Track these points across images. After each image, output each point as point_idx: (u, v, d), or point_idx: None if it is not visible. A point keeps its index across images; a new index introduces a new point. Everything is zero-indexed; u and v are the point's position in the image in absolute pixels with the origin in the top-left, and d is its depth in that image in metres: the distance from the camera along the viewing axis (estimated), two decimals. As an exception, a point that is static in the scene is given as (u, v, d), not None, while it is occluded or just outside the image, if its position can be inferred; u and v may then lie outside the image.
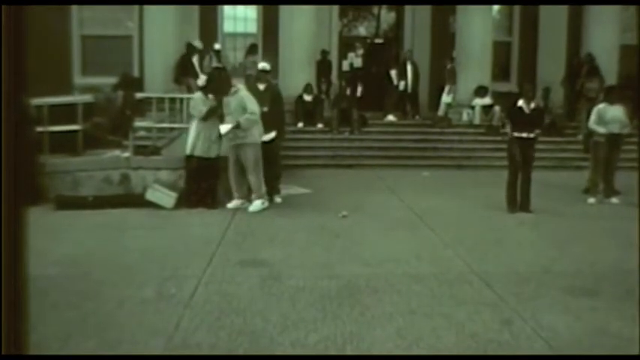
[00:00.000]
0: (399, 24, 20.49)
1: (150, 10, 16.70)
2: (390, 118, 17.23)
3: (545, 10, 19.27)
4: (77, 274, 6.26)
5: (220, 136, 9.73)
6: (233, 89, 9.82)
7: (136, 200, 9.79)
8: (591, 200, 10.39)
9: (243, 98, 9.69)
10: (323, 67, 17.71)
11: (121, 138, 11.02)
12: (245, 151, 9.72)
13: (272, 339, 4.65)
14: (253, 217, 9.19)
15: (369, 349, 4.51)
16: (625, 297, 5.75)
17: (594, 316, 5.24)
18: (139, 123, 11.75)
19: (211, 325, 4.90)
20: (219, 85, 10.00)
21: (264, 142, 10.23)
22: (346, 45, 19.62)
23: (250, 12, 19.75)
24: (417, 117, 17.67)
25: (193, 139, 9.79)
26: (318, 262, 6.86)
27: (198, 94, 10.25)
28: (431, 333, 4.80)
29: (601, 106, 10.91)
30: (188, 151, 9.78)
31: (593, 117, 10.80)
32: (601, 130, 10.64)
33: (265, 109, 10.17)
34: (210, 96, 9.92)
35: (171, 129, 12.37)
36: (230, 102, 9.73)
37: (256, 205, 9.69)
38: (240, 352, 4.44)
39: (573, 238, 8.02)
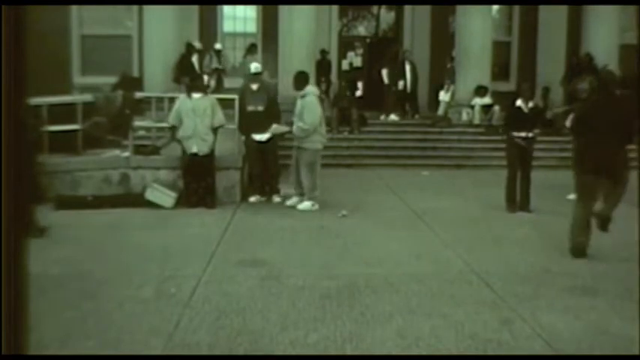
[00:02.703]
0: (398, 24, 20.51)
1: (149, 9, 16.69)
2: (392, 117, 17.23)
3: (544, 10, 19.29)
4: (77, 273, 6.26)
5: (214, 133, 9.81)
6: (301, 92, 9.96)
7: (136, 200, 9.80)
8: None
9: (304, 106, 9.84)
10: (322, 66, 17.72)
11: (120, 137, 11.02)
12: (301, 155, 9.93)
13: (272, 338, 4.65)
14: (253, 217, 9.20)
15: (369, 349, 4.51)
16: (625, 296, 5.76)
17: (594, 316, 5.24)
18: (138, 122, 11.75)
19: (211, 325, 4.90)
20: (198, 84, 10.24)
21: (261, 142, 10.28)
22: (346, 44, 19.63)
23: (250, 12, 19.77)
24: (417, 116, 17.69)
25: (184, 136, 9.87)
26: (317, 261, 6.86)
27: (182, 95, 10.29)
28: (430, 333, 4.81)
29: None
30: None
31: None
32: None
33: (260, 108, 10.23)
34: (196, 95, 9.96)
35: (170, 128, 12.38)
36: (297, 104, 9.97)
37: (306, 205, 9.82)
38: (240, 351, 4.44)
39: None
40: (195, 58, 16.38)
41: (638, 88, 14.99)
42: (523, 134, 9.73)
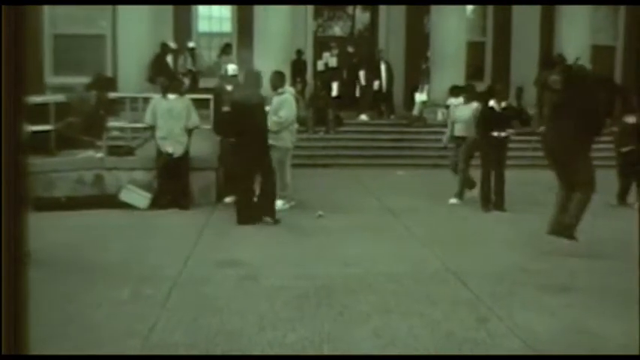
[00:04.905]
0: (373, 24, 20.55)
1: (124, 9, 16.55)
2: (362, 117, 17.28)
3: (518, 11, 19.45)
4: (53, 275, 6.18)
5: (189, 134, 9.75)
6: (280, 90, 9.91)
7: (110, 201, 9.71)
8: None
9: (281, 101, 9.77)
10: (298, 66, 17.70)
11: (94, 138, 10.91)
12: (272, 153, 9.77)
13: (249, 339, 4.64)
14: (229, 217, 9.15)
15: (346, 349, 4.51)
16: (600, 293, 5.83)
17: (570, 314, 5.30)
18: (112, 123, 11.65)
19: (188, 326, 4.87)
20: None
21: None
22: (321, 45, 19.63)
23: (225, 12, 19.68)
24: (392, 116, 17.75)
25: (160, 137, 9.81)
26: (295, 261, 6.85)
27: (157, 96, 10.23)
28: (407, 332, 4.82)
29: (455, 104, 11.17)
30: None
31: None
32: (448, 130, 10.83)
33: None
34: (171, 96, 9.91)
35: (146, 129, 12.29)
36: (274, 100, 9.87)
37: (277, 204, 9.72)
38: (218, 352, 4.42)
39: (548, 235, 8.09)
40: (170, 58, 16.28)
41: (610, 86, 15.21)
42: (496, 134, 9.81)
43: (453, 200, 10.40)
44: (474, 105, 10.57)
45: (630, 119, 10.67)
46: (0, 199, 1.10)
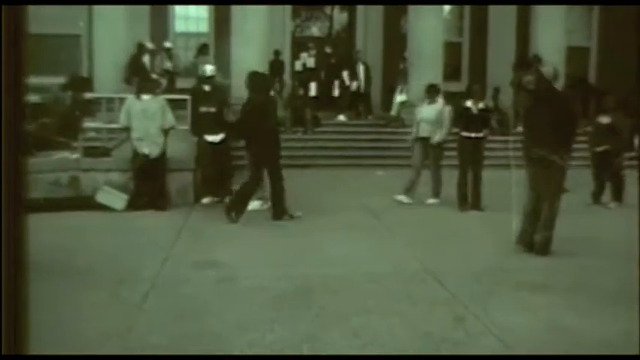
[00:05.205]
0: (351, 24, 20.59)
1: (100, 8, 16.40)
2: (340, 117, 17.30)
3: (494, 12, 19.60)
4: (29, 278, 6.10)
5: (164, 134, 9.74)
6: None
7: (86, 202, 9.62)
8: None
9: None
10: (276, 67, 17.68)
11: (69, 139, 10.80)
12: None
13: (228, 340, 4.62)
14: (206, 218, 9.12)
15: (325, 349, 4.51)
16: (576, 291, 5.89)
17: (546, 312, 5.34)
18: (88, 124, 11.54)
19: (166, 328, 4.85)
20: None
21: (214, 143, 10.24)
22: (299, 45, 19.63)
23: (202, 12, 19.60)
24: (370, 117, 17.79)
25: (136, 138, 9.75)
26: (273, 262, 6.84)
27: (131, 97, 10.16)
28: (386, 332, 4.83)
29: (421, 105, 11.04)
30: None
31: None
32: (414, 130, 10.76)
33: (213, 109, 10.20)
34: (145, 97, 9.85)
35: (122, 130, 12.20)
36: None
37: (254, 205, 9.74)
38: (197, 354, 4.39)
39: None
40: (146, 59, 16.16)
41: (584, 87, 15.37)
42: (473, 134, 9.88)
43: (432, 200, 10.44)
44: (439, 105, 10.60)
45: (604, 119, 10.80)
46: (0, 199, 1.10)
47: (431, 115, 10.44)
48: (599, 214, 9.99)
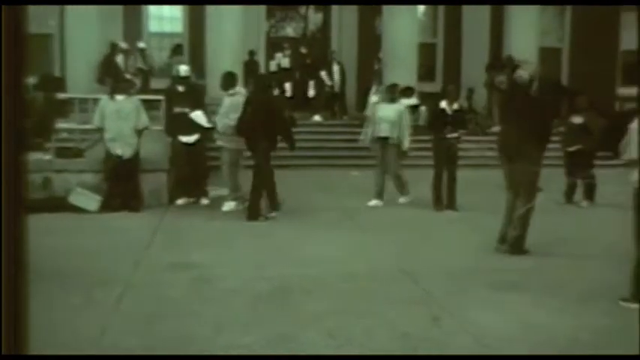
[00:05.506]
0: (326, 25, 20.60)
1: (72, 8, 16.22)
2: (316, 118, 17.30)
3: (468, 13, 19.72)
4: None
5: (138, 135, 9.70)
6: (231, 91, 9.86)
7: (59, 204, 9.50)
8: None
9: (233, 103, 9.71)
10: (250, 67, 17.62)
11: (42, 140, 10.66)
12: (223, 154, 9.89)
13: (204, 342, 4.59)
14: (183, 220, 9.06)
15: (301, 350, 4.50)
16: (549, 290, 5.95)
17: (520, 310, 5.39)
18: (61, 124, 11.41)
19: (141, 330, 4.81)
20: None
21: (188, 144, 10.19)
22: (274, 45, 19.59)
23: (176, 12, 19.48)
24: (345, 117, 17.81)
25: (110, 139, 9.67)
26: (249, 263, 6.82)
27: (104, 97, 10.06)
28: (362, 332, 4.84)
29: (377, 103, 10.90)
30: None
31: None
32: (368, 130, 10.65)
33: (187, 110, 10.15)
34: (119, 97, 9.76)
35: (95, 131, 12.08)
36: (225, 101, 9.84)
37: (230, 205, 9.76)
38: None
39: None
40: (119, 59, 16.01)
41: (557, 88, 15.53)
42: (448, 135, 9.93)
43: (402, 199, 10.43)
44: (400, 105, 10.63)
45: (577, 119, 10.92)
46: (0, 199, 1.10)
47: (390, 115, 10.27)
48: (572, 213, 10.10)
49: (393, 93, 10.74)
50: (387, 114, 10.33)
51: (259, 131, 9.03)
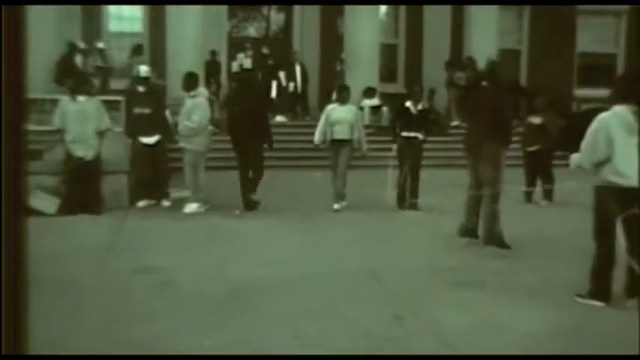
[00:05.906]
0: (288, 25, 20.58)
1: (29, 7, 15.89)
2: (278, 118, 17.26)
3: (429, 14, 19.88)
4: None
5: (100, 137, 9.60)
6: (191, 93, 9.79)
7: (17, 207, 9.29)
8: None
9: (195, 105, 9.74)
10: (212, 67, 17.52)
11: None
12: (185, 156, 9.85)
13: (165, 345, 4.54)
14: (144, 222, 8.95)
15: (264, 351, 4.48)
16: (510, 288, 6.02)
17: (481, 309, 5.44)
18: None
19: (100, 335, 4.73)
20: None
21: (149, 145, 10.08)
22: (236, 46, 19.50)
23: (136, 11, 19.25)
24: (307, 118, 17.80)
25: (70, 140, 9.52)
26: (211, 265, 6.77)
27: (65, 98, 9.90)
28: (325, 332, 4.83)
29: (330, 106, 10.64)
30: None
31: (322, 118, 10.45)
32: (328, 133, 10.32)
33: (147, 111, 10.06)
34: (81, 98, 9.61)
35: (53, 132, 11.86)
36: (187, 103, 9.81)
37: (192, 207, 9.71)
38: (132, 361, 4.30)
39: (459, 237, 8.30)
40: (78, 59, 15.76)
41: (516, 89, 15.75)
42: (412, 134, 9.99)
43: (337, 206, 10.08)
44: (352, 107, 10.65)
45: (535, 120, 11.09)
46: (0, 199, 1.10)
47: (345, 117, 10.20)
48: (532, 212, 10.25)
49: (344, 95, 10.65)
50: (341, 116, 10.22)
51: (249, 131, 9.08)
